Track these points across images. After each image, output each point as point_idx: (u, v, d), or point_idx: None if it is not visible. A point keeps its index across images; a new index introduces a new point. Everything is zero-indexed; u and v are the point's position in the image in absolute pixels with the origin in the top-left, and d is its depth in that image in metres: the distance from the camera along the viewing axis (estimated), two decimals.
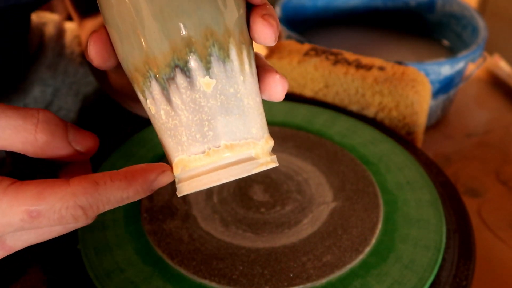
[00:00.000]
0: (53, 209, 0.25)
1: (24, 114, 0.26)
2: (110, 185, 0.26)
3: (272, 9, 0.28)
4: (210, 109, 0.27)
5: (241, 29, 0.27)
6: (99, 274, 0.36)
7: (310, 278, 0.37)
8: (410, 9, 0.80)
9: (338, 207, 0.43)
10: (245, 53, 0.28)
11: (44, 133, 0.26)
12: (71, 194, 0.25)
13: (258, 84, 0.29)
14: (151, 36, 0.26)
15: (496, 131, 0.69)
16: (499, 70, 0.78)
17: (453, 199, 0.45)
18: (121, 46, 0.27)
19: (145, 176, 0.27)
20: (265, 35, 0.28)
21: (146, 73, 0.27)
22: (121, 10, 0.26)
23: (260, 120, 0.28)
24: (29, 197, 0.25)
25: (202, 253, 0.39)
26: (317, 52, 0.58)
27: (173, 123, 0.27)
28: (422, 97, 0.54)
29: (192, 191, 0.27)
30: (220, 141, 0.27)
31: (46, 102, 0.55)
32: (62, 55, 0.58)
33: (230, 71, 0.27)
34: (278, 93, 0.29)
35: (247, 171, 0.27)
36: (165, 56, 0.26)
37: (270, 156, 0.29)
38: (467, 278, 0.38)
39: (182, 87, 0.26)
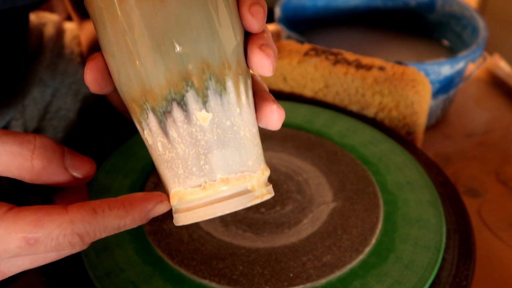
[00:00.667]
0: (50, 236, 0.25)
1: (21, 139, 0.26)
2: (108, 214, 0.26)
3: (269, 37, 0.28)
4: (207, 143, 0.26)
5: (238, 60, 0.27)
6: (99, 274, 0.36)
7: (310, 278, 0.37)
8: (410, 9, 0.80)
9: (338, 207, 0.43)
10: (242, 84, 0.27)
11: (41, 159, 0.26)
12: (69, 222, 0.25)
13: (255, 113, 0.29)
14: (147, 69, 0.26)
15: (496, 131, 0.69)
16: (499, 70, 0.78)
17: (453, 199, 0.45)
18: (118, 76, 0.27)
19: (142, 205, 0.27)
20: (262, 67, 0.28)
21: (143, 104, 0.27)
22: (118, 41, 0.26)
23: (256, 151, 0.28)
24: (27, 224, 0.25)
25: (202, 253, 0.39)
26: (317, 52, 0.58)
27: (170, 156, 0.27)
28: (422, 97, 0.54)
29: (188, 222, 0.28)
30: (216, 174, 0.27)
31: (46, 102, 0.55)
32: (62, 55, 0.58)
33: (227, 104, 0.27)
34: (275, 122, 0.29)
35: (242, 204, 0.27)
36: (162, 89, 0.26)
37: (265, 187, 0.29)
38: (467, 278, 0.38)
39: (179, 121, 0.26)
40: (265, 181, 0.29)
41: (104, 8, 0.26)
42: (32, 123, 0.53)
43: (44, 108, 0.54)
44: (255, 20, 0.27)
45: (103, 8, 0.26)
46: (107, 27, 0.26)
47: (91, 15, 0.27)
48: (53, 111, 0.55)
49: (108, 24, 0.26)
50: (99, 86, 0.28)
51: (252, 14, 0.27)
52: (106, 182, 0.45)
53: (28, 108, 0.53)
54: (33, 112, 0.54)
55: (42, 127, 0.54)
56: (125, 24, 0.25)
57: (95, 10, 0.26)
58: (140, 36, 0.25)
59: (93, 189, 0.44)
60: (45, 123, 0.54)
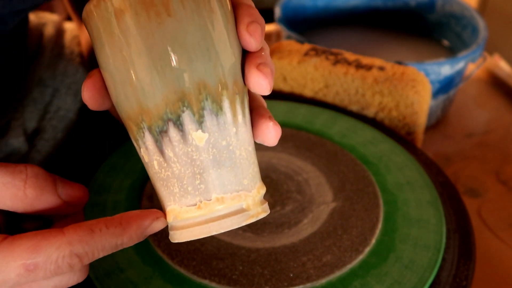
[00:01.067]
0: (50, 259, 0.25)
1: (12, 170, 0.26)
2: (105, 232, 0.26)
3: (267, 55, 0.28)
4: (202, 163, 0.27)
5: (235, 79, 0.27)
6: (99, 274, 0.36)
7: (310, 278, 0.37)
8: (410, 9, 0.80)
9: (338, 207, 0.43)
10: (239, 104, 0.27)
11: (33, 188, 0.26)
12: (67, 243, 0.25)
13: (252, 130, 0.29)
14: (144, 89, 0.26)
15: (496, 131, 0.69)
16: (499, 70, 0.78)
17: (453, 199, 0.45)
18: (115, 94, 0.27)
19: (139, 222, 0.27)
20: (260, 86, 0.27)
21: (139, 123, 0.27)
22: (115, 59, 0.26)
23: (252, 169, 0.28)
24: (25, 251, 0.24)
25: (202, 253, 0.39)
26: (317, 52, 0.58)
27: (166, 174, 0.27)
28: (422, 97, 0.54)
29: (183, 240, 0.28)
30: (212, 194, 0.27)
31: (45, 102, 0.55)
32: (62, 55, 0.58)
33: (223, 124, 0.27)
34: (271, 139, 0.29)
35: (237, 223, 0.27)
36: (158, 109, 0.26)
37: (261, 205, 0.29)
38: (467, 278, 0.38)
39: (174, 140, 0.26)
40: (261, 199, 0.29)
41: (101, 27, 0.26)
42: (31, 123, 0.53)
43: (44, 108, 0.54)
44: (253, 39, 0.27)
45: (100, 27, 0.26)
46: (104, 46, 0.26)
47: (89, 33, 0.27)
48: (52, 111, 0.55)
49: (105, 43, 0.26)
50: (97, 103, 0.28)
51: (250, 33, 0.27)
52: (106, 182, 0.45)
53: (27, 108, 0.53)
54: (32, 112, 0.53)
55: (42, 127, 0.54)
56: (122, 44, 0.25)
57: (93, 28, 0.26)
58: (137, 56, 0.25)
59: (93, 189, 0.44)
60: (44, 123, 0.54)
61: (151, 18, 0.25)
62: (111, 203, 0.43)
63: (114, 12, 0.25)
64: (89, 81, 0.27)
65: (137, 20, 0.25)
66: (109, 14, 0.25)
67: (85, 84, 0.27)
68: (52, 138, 0.54)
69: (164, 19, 0.25)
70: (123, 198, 0.43)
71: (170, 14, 0.25)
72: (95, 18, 0.26)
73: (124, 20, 0.25)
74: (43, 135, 0.53)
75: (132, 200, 0.43)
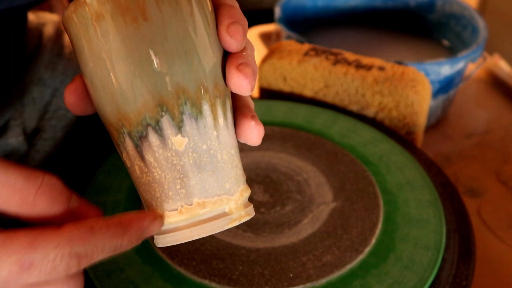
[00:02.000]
0: (47, 258, 0.23)
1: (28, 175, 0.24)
2: (105, 231, 0.25)
3: (248, 55, 0.28)
4: (182, 167, 0.26)
5: (215, 82, 0.27)
6: (99, 274, 0.36)
7: (310, 278, 0.37)
8: (410, 9, 0.80)
9: (338, 207, 0.43)
10: (220, 107, 0.27)
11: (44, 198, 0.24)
12: (68, 240, 0.23)
13: (235, 131, 0.29)
14: (122, 95, 0.26)
15: (496, 131, 0.69)
16: (499, 70, 0.78)
17: (453, 199, 0.45)
18: (96, 99, 0.27)
19: (138, 223, 0.26)
20: (240, 87, 0.27)
21: (119, 129, 0.27)
22: (95, 65, 0.26)
23: (234, 173, 0.28)
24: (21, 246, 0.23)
25: (202, 253, 0.39)
26: (317, 52, 0.58)
27: (147, 179, 0.27)
28: (422, 97, 0.54)
29: (166, 245, 0.28)
30: (193, 198, 0.27)
31: (45, 102, 0.55)
32: (61, 55, 0.58)
33: (203, 128, 0.27)
34: (253, 139, 0.28)
35: (219, 228, 0.27)
36: (137, 115, 0.26)
37: (244, 208, 0.28)
38: (467, 278, 0.38)
39: (154, 145, 0.26)
40: (244, 202, 0.29)
41: (80, 33, 0.26)
42: (31, 123, 0.53)
43: (43, 107, 0.54)
44: (234, 40, 0.27)
45: (79, 33, 0.26)
46: (84, 51, 0.26)
47: (70, 38, 0.27)
48: (52, 110, 0.55)
49: (85, 48, 0.26)
50: (80, 109, 0.27)
51: (230, 34, 0.27)
52: (106, 182, 0.45)
53: (27, 107, 0.53)
54: (32, 111, 0.53)
55: (41, 127, 0.54)
56: (101, 49, 0.25)
57: (72, 34, 0.26)
58: (115, 61, 0.25)
59: (93, 189, 0.44)
60: (44, 123, 0.54)
61: (127, 23, 0.25)
62: (111, 203, 0.43)
63: (92, 17, 0.25)
64: (71, 87, 0.27)
65: (114, 25, 0.25)
66: (87, 20, 0.25)
67: (67, 89, 0.27)
68: (51, 137, 0.54)
69: (141, 24, 0.25)
70: (123, 198, 0.43)
71: (146, 19, 0.25)
72: (74, 24, 0.26)
73: (101, 26, 0.25)
74: (43, 134, 0.53)
75: (132, 200, 0.43)
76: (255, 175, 0.47)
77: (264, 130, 0.29)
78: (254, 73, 0.27)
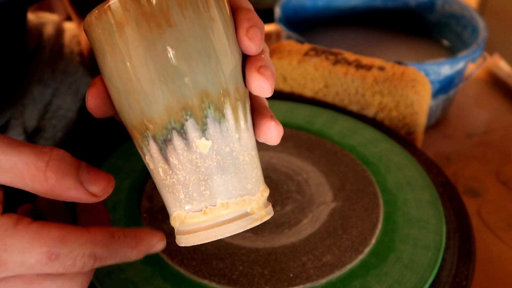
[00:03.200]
0: (71, 254, 0.25)
1: (38, 151, 0.25)
2: (122, 241, 0.27)
3: (267, 58, 0.28)
4: (207, 169, 0.27)
5: (236, 85, 0.27)
6: (99, 274, 0.36)
7: (310, 278, 0.37)
8: (410, 9, 0.80)
9: (338, 207, 0.43)
10: (241, 110, 0.28)
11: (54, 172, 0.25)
12: (91, 242, 0.25)
13: (254, 132, 0.29)
14: (147, 99, 0.26)
15: (496, 131, 0.69)
16: (499, 70, 0.78)
17: (453, 199, 0.45)
18: (119, 104, 0.27)
19: (149, 239, 0.28)
20: (261, 90, 0.28)
21: (143, 132, 0.27)
22: (118, 70, 0.26)
23: (255, 174, 0.29)
24: (53, 239, 0.25)
25: (202, 253, 0.39)
26: (317, 52, 0.58)
27: (171, 181, 0.27)
28: (422, 97, 0.54)
29: (189, 245, 0.28)
30: (216, 199, 0.27)
31: (45, 101, 0.55)
32: (61, 55, 0.58)
33: (226, 131, 0.27)
34: (274, 138, 0.29)
35: (242, 227, 0.28)
36: (162, 118, 0.26)
37: (265, 208, 0.29)
38: (467, 278, 0.38)
39: (179, 148, 0.27)
40: (265, 202, 0.29)
41: (103, 39, 0.26)
42: (31, 123, 0.53)
43: (44, 107, 0.54)
44: (253, 43, 0.27)
45: (102, 39, 0.26)
46: (107, 57, 0.26)
47: (91, 43, 0.27)
48: (52, 110, 0.55)
49: (107, 54, 0.26)
50: (101, 112, 0.28)
51: (249, 38, 0.27)
52: None
53: (27, 107, 0.53)
54: (32, 111, 0.53)
55: (42, 126, 0.54)
56: (125, 55, 0.25)
57: (95, 39, 0.26)
58: (139, 67, 0.25)
59: None
60: (44, 123, 0.54)
61: (152, 29, 0.25)
62: (111, 203, 0.43)
63: (116, 24, 0.25)
64: (93, 90, 0.27)
65: (139, 32, 0.25)
66: (111, 26, 0.25)
67: (89, 93, 0.28)
68: (52, 137, 0.54)
69: (165, 30, 0.25)
70: (123, 198, 0.43)
71: (171, 25, 0.25)
72: (97, 30, 0.26)
73: (125, 32, 0.25)
74: (43, 134, 0.53)
75: (132, 201, 0.43)
76: None
77: (283, 130, 0.29)
78: (273, 75, 0.28)
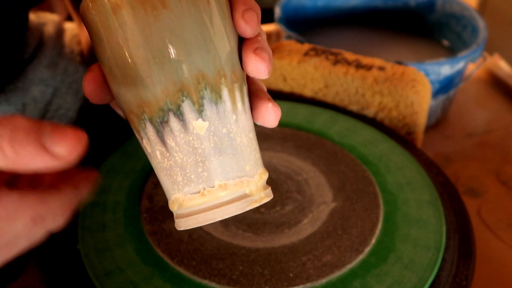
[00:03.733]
0: (52, 214, 0.24)
1: None
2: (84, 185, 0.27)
3: (263, 40, 0.28)
4: (204, 151, 0.27)
5: (232, 67, 0.28)
6: (99, 274, 0.36)
7: (310, 278, 0.37)
8: (410, 9, 0.80)
9: (338, 207, 0.43)
10: (238, 91, 0.28)
11: (11, 143, 0.22)
12: (69, 199, 0.25)
13: (251, 115, 0.29)
14: (143, 81, 0.26)
15: (496, 131, 0.69)
16: (499, 70, 0.78)
17: (453, 199, 0.45)
18: (116, 87, 0.27)
19: (84, 181, 0.28)
20: (258, 71, 0.28)
21: (140, 115, 0.27)
22: (114, 53, 0.26)
23: (253, 156, 0.29)
24: (34, 202, 0.23)
25: (202, 253, 0.39)
26: (317, 52, 0.58)
27: (169, 164, 0.27)
28: (422, 97, 0.54)
29: (188, 227, 0.28)
30: (214, 181, 0.27)
31: (46, 101, 0.55)
32: (62, 55, 0.58)
33: (223, 112, 0.27)
34: (271, 120, 0.29)
35: (241, 209, 0.28)
36: (158, 100, 0.26)
37: (264, 190, 0.29)
38: (467, 278, 0.38)
39: (176, 130, 0.27)
40: (264, 184, 0.29)
41: (99, 22, 0.26)
42: None
43: (44, 107, 0.55)
44: (249, 26, 0.27)
45: (98, 22, 0.26)
46: (103, 40, 0.26)
47: (87, 28, 0.27)
48: (53, 110, 0.55)
49: (103, 38, 0.26)
50: (98, 97, 0.28)
51: (245, 20, 0.27)
52: (106, 182, 0.45)
53: (28, 107, 0.53)
54: (33, 111, 0.54)
55: None
56: (120, 38, 0.26)
57: (91, 24, 0.27)
58: (135, 49, 0.26)
59: (93, 189, 0.44)
60: None
61: (147, 11, 0.25)
62: (111, 203, 0.43)
63: (111, 6, 0.25)
64: (89, 76, 0.27)
65: (134, 14, 0.25)
66: (106, 9, 0.26)
67: (85, 78, 0.28)
68: None
69: (160, 12, 0.25)
70: (123, 198, 0.43)
71: (166, 7, 0.25)
72: (93, 13, 0.26)
73: (121, 15, 0.25)
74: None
75: (132, 200, 0.43)
76: None
77: (281, 112, 0.29)
78: (270, 57, 0.28)
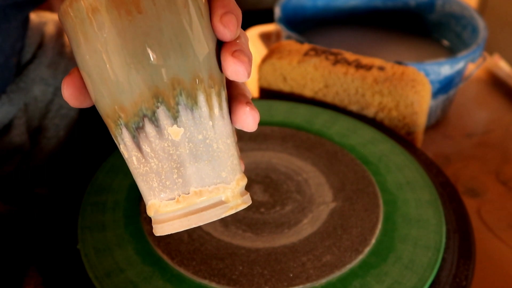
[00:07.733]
0: None
1: None
2: None
3: (242, 43, 0.28)
4: (179, 157, 0.27)
5: (210, 72, 0.27)
6: (99, 274, 0.36)
7: (310, 278, 0.37)
8: (410, 9, 0.80)
9: (338, 207, 0.43)
10: (215, 97, 0.28)
11: None
12: None
13: (231, 121, 0.29)
14: (119, 86, 0.26)
15: (496, 131, 0.69)
16: (499, 70, 0.78)
17: (453, 199, 0.45)
18: (93, 92, 0.27)
19: None
20: (237, 73, 0.27)
21: (116, 120, 0.27)
22: (91, 58, 0.26)
23: (230, 162, 0.28)
24: None
25: (202, 253, 0.39)
26: (317, 52, 0.58)
27: (145, 169, 0.27)
28: (422, 97, 0.54)
29: (164, 233, 0.28)
30: (189, 187, 0.27)
31: (47, 100, 0.55)
32: (63, 54, 0.58)
33: (199, 118, 0.27)
34: (249, 124, 0.29)
35: (216, 216, 0.28)
36: (133, 106, 0.26)
37: (241, 197, 0.29)
38: (467, 278, 0.38)
39: (151, 136, 0.27)
40: (241, 191, 0.29)
41: (76, 26, 0.26)
42: (33, 122, 0.53)
43: (46, 106, 0.55)
44: (227, 30, 0.27)
45: (75, 26, 0.26)
46: (80, 45, 0.26)
47: (66, 32, 0.27)
48: (54, 109, 0.55)
49: (81, 42, 0.26)
50: (77, 101, 0.28)
51: (223, 24, 0.27)
52: (106, 182, 0.45)
53: (30, 106, 0.53)
54: (34, 110, 0.54)
55: (44, 126, 0.54)
56: (97, 42, 0.26)
57: (69, 28, 0.27)
58: (110, 54, 0.26)
59: (93, 189, 0.44)
60: (47, 122, 0.54)
61: (122, 16, 0.25)
62: (111, 203, 0.43)
63: (87, 11, 0.25)
64: (68, 79, 0.27)
65: (109, 18, 0.25)
66: (83, 13, 0.26)
67: (64, 81, 0.27)
68: (54, 136, 0.54)
69: (135, 17, 0.25)
70: (123, 198, 0.43)
71: (140, 12, 0.25)
72: (70, 18, 0.26)
73: (97, 19, 0.25)
74: (46, 133, 0.53)
75: (132, 201, 0.43)
76: (255, 175, 0.47)
77: (259, 116, 0.29)
78: (250, 60, 0.28)
